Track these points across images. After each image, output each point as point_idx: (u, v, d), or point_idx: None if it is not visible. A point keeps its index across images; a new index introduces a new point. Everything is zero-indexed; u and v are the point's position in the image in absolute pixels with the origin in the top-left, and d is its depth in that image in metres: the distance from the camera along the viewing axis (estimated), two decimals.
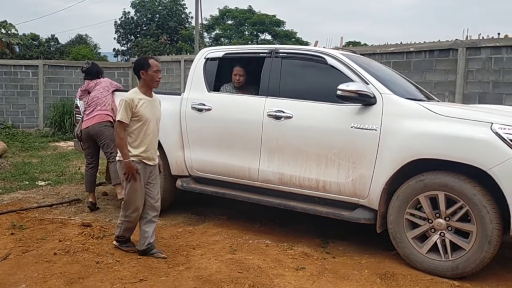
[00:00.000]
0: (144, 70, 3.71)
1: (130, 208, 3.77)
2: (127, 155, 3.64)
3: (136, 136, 3.69)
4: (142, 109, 3.67)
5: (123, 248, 3.91)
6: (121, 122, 3.62)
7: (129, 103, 3.62)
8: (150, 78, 3.72)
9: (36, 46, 35.41)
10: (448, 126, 3.51)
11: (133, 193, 3.72)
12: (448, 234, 3.53)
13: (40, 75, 13.21)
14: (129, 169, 3.64)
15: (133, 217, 3.80)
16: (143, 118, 3.68)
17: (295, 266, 3.70)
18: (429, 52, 8.41)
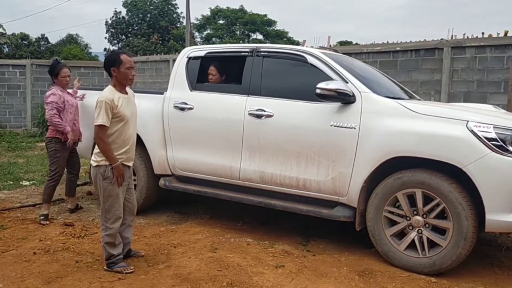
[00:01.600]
0: (115, 67, 3.44)
1: (111, 217, 3.46)
2: (116, 159, 3.39)
3: (117, 137, 3.44)
4: (122, 108, 3.43)
5: (116, 269, 3.45)
6: (103, 126, 3.34)
7: (109, 104, 3.34)
8: (122, 75, 3.45)
9: (26, 45, 35.21)
10: (425, 124, 3.55)
11: (116, 200, 3.45)
12: (425, 231, 3.56)
13: (28, 74, 13.12)
14: (119, 172, 3.40)
15: (114, 227, 3.47)
16: (124, 118, 3.44)
17: (274, 264, 3.72)
18: (415, 51, 8.47)
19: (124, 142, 3.49)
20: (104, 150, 3.38)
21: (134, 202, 3.76)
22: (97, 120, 3.34)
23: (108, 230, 3.46)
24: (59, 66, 4.98)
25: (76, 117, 5.04)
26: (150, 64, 12.77)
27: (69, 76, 4.98)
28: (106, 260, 3.50)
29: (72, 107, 4.96)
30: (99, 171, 3.43)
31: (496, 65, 7.57)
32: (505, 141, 3.29)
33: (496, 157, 3.26)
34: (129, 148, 3.54)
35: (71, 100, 4.99)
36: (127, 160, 3.54)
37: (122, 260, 3.56)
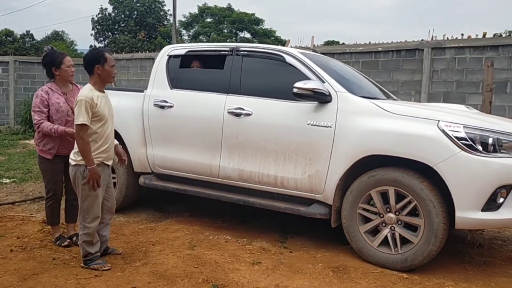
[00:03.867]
0: (100, 64, 3.41)
1: (89, 216, 3.46)
2: (93, 161, 3.36)
3: (97, 137, 3.42)
4: (101, 107, 3.41)
5: (93, 267, 3.47)
6: (84, 125, 3.31)
7: (89, 103, 3.31)
8: (107, 73, 3.44)
9: (11, 42, 34.79)
10: (398, 123, 3.63)
11: (94, 200, 3.45)
12: (398, 228, 3.65)
13: (11, 71, 13.01)
14: (94, 176, 3.36)
15: (92, 227, 3.48)
16: (103, 117, 3.43)
17: (251, 260, 3.77)
18: (396, 52, 8.60)
19: (104, 141, 3.48)
20: (83, 150, 3.34)
21: (113, 201, 3.76)
22: (78, 119, 3.31)
23: (86, 229, 3.47)
24: (60, 55, 3.95)
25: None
26: (135, 61, 12.73)
27: (73, 66, 3.97)
28: (83, 258, 3.52)
29: (63, 112, 3.88)
30: (79, 170, 3.41)
31: (475, 66, 7.72)
32: (474, 140, 3.38)
33: (466, 156, 3.35)
34: (108, 147, 3.53)
35: (63, 104, 3.89)
36: (106, 159, 3.54)
37: (99, 257, 3.56)
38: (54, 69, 3.88)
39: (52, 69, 3.89)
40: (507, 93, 7.42)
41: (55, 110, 3.81)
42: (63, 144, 3.86)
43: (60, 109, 3.82)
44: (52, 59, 3.88)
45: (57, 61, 3.87)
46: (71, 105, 3.83)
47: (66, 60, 3.89)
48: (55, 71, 3.88)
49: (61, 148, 3.87)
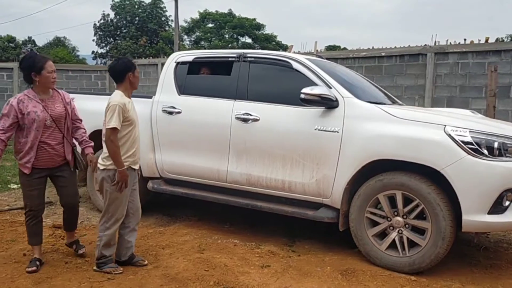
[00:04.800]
0: (132, 72, 3.58)
1: (112, 218, 3.53)
2: (123, 164, 3.44)
3: (126, 140, 3.51)
4: (131, 113, 3.54)
5: (106, 270, 3.52)
6: (115, 129, 3.39)
7: (122, 108, 3.42)
8: (136, 80, 3.62)
9: (13, 48, 34.93)
10: (405, 128, 3.69)
11: (119, 202, 3.52)
12: (405, 231, 3.70)
13: (15, 77, 13.06)
14: (123, 178, 3.44)
15: (113, 229, 3.55)
16: (133, 122, 3.55)
17: (260, 264, 3.82)
18: (400, 56, 8.67)
19: (132, 145, 3.57)
20: (114, 153, 3.42)
21: (139, 205, 3.78)
22: (110, 123, 3.38)
23: (107, 230, 3.54)
24: (42, 59, 3.57)
25: (63, 137, 3.67)
26: (138, 67, 12.77)
27: (55, 71, 3.60)
28: (97, 260, 3.57)
29: (41, 122, 3.50)
30: (107, 175, 3.48)
31: (478, 71, 7.79)
32: (480, 144, 3.44)
33: (472, 160, 3.41)
34: (135, 151, 3.61)
35: (41, 112, 3.50)
36: (133, 163, 3.60)
37: (112, 261, 3.61)
38: (33, 75, 3.49)
39: (31, 74, 3.49)
40: (510, 97, 7.48)
41: (32, 119, 3.45)
42: (40, 157, 3.54)
43: (37, 118, 3.45)
44: (32, 63, 3.49)
45: (37, 66, 3.48)
46: (51, 112, 3.54)
47: (47, 65, 3.50)
48: (35, 77, 3.49)
49: (39, 161, 3.55)
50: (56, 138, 3.61)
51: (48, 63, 3.52)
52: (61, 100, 3.67)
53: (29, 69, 3.50)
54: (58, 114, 3.60)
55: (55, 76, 3.58)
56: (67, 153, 3.68)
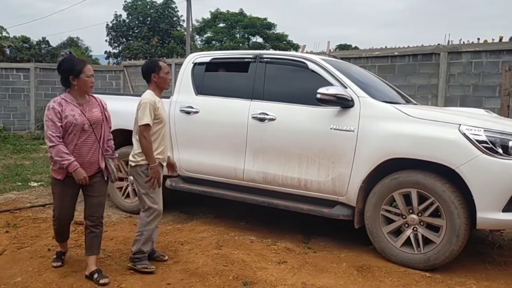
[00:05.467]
0: (156, 73, 3.67)
1: (154, 213, 3.63)
2: (155, 159, 3.56)
3: (156, 138, 3.63)
4: (161, 111, 3.67)
5: (139, 266, 3.56)
6: (148, 125, 3.52)
7: (152, 105, 3.55)
8: (162, 80, 3.69)
9: (27, 48, 35.37)
10: (420, 127, 3.75)
11: (158, 198, 3.64)
12: (420, 229, 3.76)
13: (31, 78, 13.33)
14: (156, 174, 3.55)
15: (154, 224, 3.65)
16: (163, 120, 3.67)
17: (277, 260, 3.92)
18: (413, 56, 8.70)
19: (161, 143, 3.69)
20: (147, 149, 3.53)
21: (161, 202, 3.81)
22: (142, 120, 3.51)
23: (148, 225, 3.63)
24: (80, 62, 3.40)
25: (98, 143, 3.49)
26: None
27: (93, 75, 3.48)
28: (133, 254, 3.62)
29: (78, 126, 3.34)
30: (140, 170, 3.58)
31: (491, 70, 7.80)
32: (494, 143, 3.49)
33: (486, 158, 3.46)
34: (164, 149, 3.73)
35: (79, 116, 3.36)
36: (162, 161, 3.73)
37: (146, 258, 3.66)
38: (71, 78, 3.35)
39: (69, 78, 3.36)
40: None
41: (69, 123, 3.31)
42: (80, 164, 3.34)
43: (75, 122, 3.31)
44: (71, 67, 3.35)
45: (75, 70, 3.34)
46: (89, 117, 3.40)
47: (86, 69, 3.37)
48: (73, 81, 3.36)
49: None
50: (92, 144, 3.43)
51: (87, 67, 3.39)
52: (98, 105, 3.54)
53: (68, 73, 3.35)
54: (96, 119, 3.45)
55: (93, 81, 3.44)
56: (101, 161, 3.50)
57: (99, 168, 3.50)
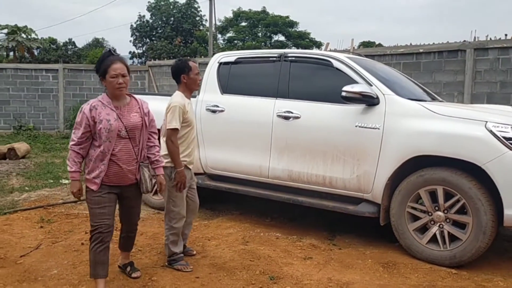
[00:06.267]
0: (185, 73, 3.64)
1: (176, 217, 3.65)
2: (181, 164, 3.55)
3: (184, 141, 3.62)
4: (190, 114, 3.63)
5: (176, 267, 3.63)
6: (176, 129, 3.50)
7: (182, 109, 3.52)
8: (192, 81, 3.66)
9: (54, 49, 36.27)
10: (446, 124, 3.75)
11: (181, 201, 3.65)
12: (446, 226, 3.77)
13: (60, 78, 13.66)
14: (181, 178, 3.55)
15: (178, 227, 3.66)
16: (191, 123, 3.64)
17: (303, 256, 3.98)
18: (438, 53, 8.60)
19: (188, 146, 3.67)
20: (173, 153, 3.52)
21: (197, 201, 3.91)
22: (171, 124, 3.49)
23: (172, 229, 3.65)
24: (105, 60, 3.08)
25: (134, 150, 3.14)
26: None
27: (122, 75, 3.07)
28: (168, 257, 3.69)
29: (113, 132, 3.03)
30: (166, 172, 3.51)
31: None
32: None
33: None
34: (191, 152, 3.71)
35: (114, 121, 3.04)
36: (189, 163, 3.71)
37: (182, 258, 3.71)
38: (101, 79, 3.12)
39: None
40: None
41: (104, 128, 3.00)
42: (111, 172, 3.08)
43: (110, 128, 3.01)
44: (97, 65, 3.13)
45: (101, 69, 3.09)
46: (126, 122, 3.08)
47: (110, 69, 3.04)
48: (102, 81, 3.12)
49: (109, 177, 3.09)
50: (129, 152, 3.11)
51: (111, 67, 3.02)
52: (138, 109, 3.17)
53: (96, 72, 3.16)
54: (133, 125, 3.10)
55: (120, 81, 3.02)
56: (138, 171, 3.19)
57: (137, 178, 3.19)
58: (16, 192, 6.24)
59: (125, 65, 3.10)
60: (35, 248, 4.07)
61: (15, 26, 29.75)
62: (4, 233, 4.48)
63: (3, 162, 8.55)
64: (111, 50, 3.13)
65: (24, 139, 11.46)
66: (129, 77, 3.12)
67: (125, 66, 3.09)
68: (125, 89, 3.09)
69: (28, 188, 6.47)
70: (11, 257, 3.86)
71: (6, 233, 4.48)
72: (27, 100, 13.58)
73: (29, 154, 9.51)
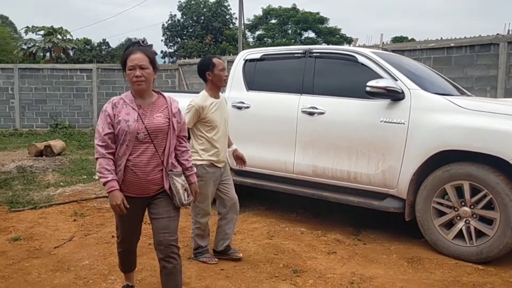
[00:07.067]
0: (210, 71, 3.60)
1: (200, 212, 3.69)
2: None
3: (205, 140, 3.60)
4: (211, 114, 3.57)
5: (201, 259, 3.71)
6: None
7: (197, 110, 3.53)
8: (217, 78, 3.61)
9: (89, 50, 37.22)
10: (473, 119, 3.70)
11: (205, 198, 3.63)
12: (473, 221, 3.72)
13: (94, 78, 14.08)
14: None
15: (203, 222, 3.70)
16: (213, 123, 3.58)
17: (327, 250, 4.00)
18: (470, 47, 8.40)
19: (213, 145, 3.62)
20: None
21: (233, 196, 3.80)
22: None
23: (197, 224, 3.71)
24: (126, 50, 2.69)
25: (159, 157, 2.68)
26: None
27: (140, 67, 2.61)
28: (194, 250, 3.77)
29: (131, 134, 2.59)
30: None
31: None
32: None
33: None
34: (218, 151, 3.64)
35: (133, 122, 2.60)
36: (218, 162, 3.66)
37: (208, 251, 3.78)
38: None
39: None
40: None
41: (122, 130, 2.59)
42: (127, 181, 2.65)
43: (127, 129, 2.58)
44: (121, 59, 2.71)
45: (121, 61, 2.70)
46: (148, 124, 2.62)
47: (128, 60, 2.61)
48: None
49: (127, 186, 2.66)
50: (150, 158, 2.64)
51: (129, 57, 2.62)
52: (164, 109, 2.71)
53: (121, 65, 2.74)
54: (156, 127, 2.63)
55: (137, 74, 2.58)
56: (165, 181, 2.70)
57: (163, 187, 2.72)
58: (52, 187, 6.50)
59: (148, 55, 2.63)
60: (68, 240, 4.25)
61: (51, 28, 30.69)
62: (39, 226, 4.70)
63: (40, 159, 8.90)
64: (140, 41, 2.72)
65: (60, 137, 11.89)
66: (155, 71, 2.67)
67: (146, 56, 2.62)
68: (144, 84, 2.61)
69: (63, 184, 6.73)
70: (46, 248, 4.05)
71: (41, 226, 4.70)
72: (63, 99, 14.07)
73: (64, 151, 9.86)
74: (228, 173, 3.84)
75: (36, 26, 30.94)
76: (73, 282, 3.37)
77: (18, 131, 13.62)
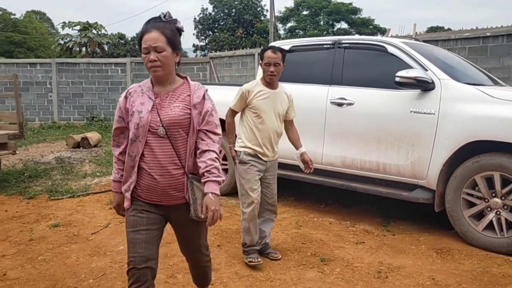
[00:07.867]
0: (261, 62, 3.55)
1: (246, 201, 3.50)
2: (233, 141, 3.59)
3: (250, 127, 3.50)
4: (258, 101, 3.47)
5: (247, 260, 3.51)
6: (232, 110, 3.57)
7: (244, 93, 3.49)
8: (263, 70, 3.51)
9: (123, 44, 37.98)
10: (504, 109, 3.64)
11: (248, 184, 3.47)
12: (503, 213, 3.67)
13: (127, 72, 14.41)
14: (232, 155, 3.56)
15: (248, 212, 3.47)
16: (257, 110, 3.47)
17: (355, 240, 4.03)
18: (507, 36, 8.16)
19: (256, 134, 3.49)
20: (228, 129, 3.58)
21: (274, 200, 3.69)
22: (232, 103, 3.57)
23: (244, 214, 3.53)
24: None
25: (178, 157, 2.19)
26: (236, 58, 13.42)
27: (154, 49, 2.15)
28: (242, 246, 3.64)
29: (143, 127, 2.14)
30: (234, 155, 3.57)
31: None
32: None
33: None
34: (262, 141, 3.50)
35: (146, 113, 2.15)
36: (262, 155, 3.52)
37: (256, 252, 3.56)
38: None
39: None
40: None
41: (134, 124, 2.17)
42: (142, 183, 2.20)
43: (139, 122, 2.15)
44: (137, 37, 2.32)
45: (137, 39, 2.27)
46: (163, 116, 2.15)
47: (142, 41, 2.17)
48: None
49: (142, 188, 2.21)
50: (169, 158, 2.17)
51: (142, 38, 2.16)
52: (185, 97, 2.22)
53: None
54: (171, 119, 2.16)
55: (152, 58, 2.12)
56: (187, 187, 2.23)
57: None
58: (89, 177, 6.76)
59: (165, 34, 2.15)
60: (104, 227, 4.44)
61: (86, 23, 31.49)
62: (77, 214, 4.91)
63: (77, 150, 9.23)
64: (162, 15, 2.23)
65: (96, 129, 12.26)
66: (177, 52, 2.21)
67: (163, 35, 2.14)
68: (161, 70, 2.15)
69: (99, 174, 6.97)
70: (84, 234, 4.24)
71: (79, 214, 4.91)
72: (98, 93, 14.46)
73: (100, 143, 10.17)
74: (274, 173, 3.68)
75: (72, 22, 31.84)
76: (109, 266, 3.53)
77: (56, 124, 14.11)
